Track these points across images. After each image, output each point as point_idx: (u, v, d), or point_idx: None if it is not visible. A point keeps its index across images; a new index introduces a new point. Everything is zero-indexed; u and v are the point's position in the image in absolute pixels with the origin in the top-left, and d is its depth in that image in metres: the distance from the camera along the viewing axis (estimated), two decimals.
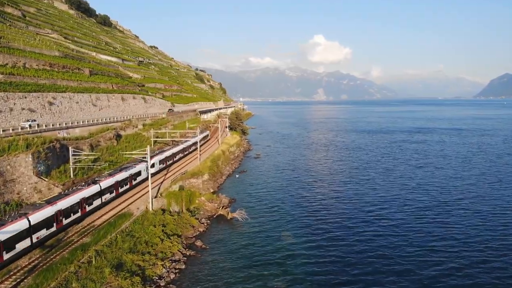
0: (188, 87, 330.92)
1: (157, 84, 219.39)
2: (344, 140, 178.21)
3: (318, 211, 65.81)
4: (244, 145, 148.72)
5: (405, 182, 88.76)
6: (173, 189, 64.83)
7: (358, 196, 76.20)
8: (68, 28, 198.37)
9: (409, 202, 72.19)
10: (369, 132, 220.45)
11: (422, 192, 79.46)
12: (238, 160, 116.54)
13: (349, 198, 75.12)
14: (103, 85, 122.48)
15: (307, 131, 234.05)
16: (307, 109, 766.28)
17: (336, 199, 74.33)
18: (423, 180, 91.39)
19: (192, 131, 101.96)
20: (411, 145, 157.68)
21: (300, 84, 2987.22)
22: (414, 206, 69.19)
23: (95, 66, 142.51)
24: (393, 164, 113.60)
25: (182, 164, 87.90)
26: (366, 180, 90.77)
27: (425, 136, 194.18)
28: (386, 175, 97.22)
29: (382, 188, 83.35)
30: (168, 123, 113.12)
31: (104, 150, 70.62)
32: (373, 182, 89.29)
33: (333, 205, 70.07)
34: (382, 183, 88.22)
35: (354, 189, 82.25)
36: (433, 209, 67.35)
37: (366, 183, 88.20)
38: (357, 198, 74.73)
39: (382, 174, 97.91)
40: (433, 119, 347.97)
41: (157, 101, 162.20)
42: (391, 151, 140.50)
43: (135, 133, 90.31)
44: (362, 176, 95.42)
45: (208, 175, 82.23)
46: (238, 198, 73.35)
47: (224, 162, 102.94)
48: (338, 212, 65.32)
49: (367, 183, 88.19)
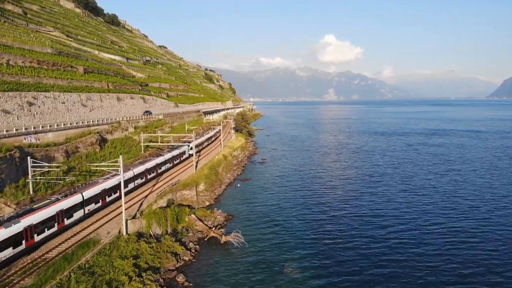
0: (195, 87, 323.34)
1: (162, 83, 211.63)
2: (357, 143, 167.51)
3: (329, 233, 55.77)
4: (249, 148, 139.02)
5: (428, 194, 78.16)
6: (158, 205, 55.36)
7: (375, 213, 65.89)
8: (72, 26, 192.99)
9: (437, 220, 61.79)
10: (383, 134, 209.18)
11: (449, 207, 68.93)
12: (241, 166, 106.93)
13: (365, 216, 64.76)
14: (97, 84, 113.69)
15: (317, 133, 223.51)
16: (317, 109, 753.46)
17: (350, 216, 64.05)
18: (448, 191, 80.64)
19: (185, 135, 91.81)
20: (429, 149, 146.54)
21: (310, 84, 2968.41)
22: (444, 228, 58.83)
23: (92, 64, 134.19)
24: (412, 171, 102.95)
25: (175, 172, 77.84)
26: (384, 192, 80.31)
27: (443, 138, 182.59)
28: (405, 185, 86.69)
29: (403, 202, 72.94)
30: (165, 125, 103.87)
31: (83, 157, 61.56)
32: (391, 194, 78.85)
33: (346, 223, 59.96)
34: (402, 195, 77.75)
35: (370, 204, 71.90)
36: (465, 231, 56.98)
37: (384, 195, 77.76)
38: (374, 216, 64.37)
39: (400, 184, 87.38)
40: (448, 120, 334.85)
41: (159, 101, 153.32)
42: (408, 156, 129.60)
43: (125, 137, 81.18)
44: (379, 187, 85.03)
45: (204, 185, 72.73)
46: (236, 213, 63.57)
47: (225, 169, 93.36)
48: (353, 235, 55.15)
49: (384, 195, 77.75)
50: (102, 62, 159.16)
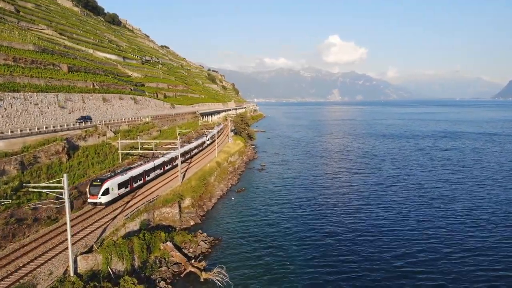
0: (196, 87, 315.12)
1: (159, 83, 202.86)
2: (363, 147, 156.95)
3: (338, 266, 45.61)
4: (248, 153, 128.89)
5: (449, 210, 67.68)
6: (127, 230, 45.42)
7: (390, 237, 55.58)
8: (68, 25, 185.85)
9: (464, 245, 51.50)
10: (391, 136, 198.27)
11: (471, 223, 58.69)
12: (238, 174, 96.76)
13: (375, 237, 54.62)
14: (81, 84, 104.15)
15: (321, 135, 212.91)
16: (321, 110, 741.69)
17: (361, 242, 53.80)
18: (471, 206, 70.15)
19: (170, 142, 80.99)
20: (443, 153, 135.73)
21: (314, 84, 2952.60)
22: (474, 255, 48.57)
23: (80, 62, 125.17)
24: (425, 179, 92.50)
25: (155, 185, 66.74)
26: (397, 207, 69.96)
27: (455, 141, 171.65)
28: (420, 198, 76.16)
29: (421, 220, 62.60)
30: (153, 129, 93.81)
31: (44, 169, 51.84)
32: (406, 210, 68.46)
33: (358, 253, 49.77)
34: (418, 212, 67.33)
35: (382, 222, 61.63)
36: (493, 252, 46.72)
37: (398, 212, 67.42)
38: (390, 241, 54.12)
39: (415, 197, 76.85)
40: (457, 121, 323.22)
41: (152, 101, 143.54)
42: (421, 162, 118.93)
43: (102, 143, 71.32)
44: (391, 200, 74.59)
45: (190, 200, 62.73)
46: (225, 237, 53.34)
47: (218, 178, 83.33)
48: (368, 269, 45.06)
49: (399, 212, 67.39)
50: (95, 61, 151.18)
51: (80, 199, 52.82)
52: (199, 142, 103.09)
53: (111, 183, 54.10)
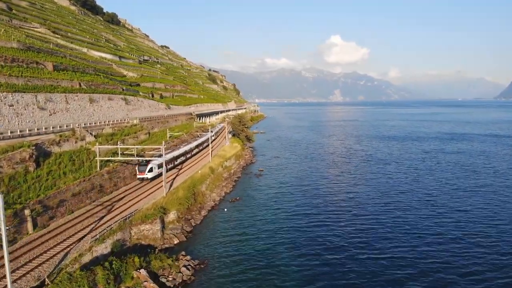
0: (195, 87, 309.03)
1: (156, 83, 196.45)
2: (367, 150, 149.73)
3: None
4: (246, 157, 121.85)
5: (460, 218, 60.67)
6: (95, 255, 38.43)
7: (397, 251, 48.61)
8: (64, 24, 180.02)
9: (477, 256, 44.50)
10: (395, 138, 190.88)
11: (490, 235, 51.58)
12: (233, 180, 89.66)
13: (385, 256, 47.62)
14: (66, 83, 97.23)
15: (323, 137, 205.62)
16: (323, 110, 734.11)
17: (366, 261, 46.88)
18: (485, 214, 63.12)
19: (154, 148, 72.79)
20: (450, 157, 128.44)
21: (316, 85, 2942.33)
22: (488, 266, 41.54)
23: (68, 61, 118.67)
24: (434, 186, 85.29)
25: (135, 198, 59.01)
26: (406, 218, 62.86)
27: (462, 144, 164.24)
28: (428, 205, 69.27)
29: (430, 230, 55.62)
30: (141, 132, 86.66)
31: (6, 180, 44.88)
32: (415, 219, 61.43)
33: (363, 275, 42.77)
34: (428, 220, 60.36)
35: (391, 239, 54.58)
36: None
37: (407, 223, 60.39)
38: (396, 255, 47.14)
39: (423, 205, 69.86)
40: (461, 122, 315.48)
41: (145, 102, 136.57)
42: (428, 166, 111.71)
43: (80, 148, 64.31)
44: (398, 208, 67.60)
45: (176, 214, 55.76)
46: (213, 260, 46.08)
47: (210, 186, 76.38)
48: None
49: (407, 223, 60.37)
50: (88, 60, 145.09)
51: (45, 215, 45.90)
52: (190, 146, 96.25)
53: (153, 164, 70.10)
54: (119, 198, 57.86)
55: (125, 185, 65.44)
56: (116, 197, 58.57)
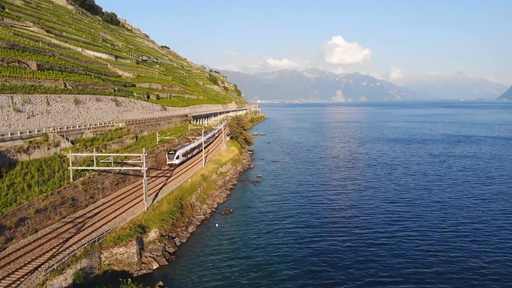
0: (195, 88, 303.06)
1: (152, 84, 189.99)
2: (370, 153, 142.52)
3: None
4: (244, 161, 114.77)
5: (480, 234, 53.54)
6: None
7: (407, 272, 41.58)
8: (59, 23, 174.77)
9: None
10: (400, 141, 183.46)
11: None
12: (228, 188, 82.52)
13: (396, 280, 40.57)
14: (49, 83, 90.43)
15: (324, 139, 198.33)
16: (325, 111, 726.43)
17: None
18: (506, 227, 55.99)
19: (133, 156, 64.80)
20: (460, 161, 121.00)
21: (318, 85, 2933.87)
22: None
23: (56, 60, 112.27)
24: (447, 195, 77.95)
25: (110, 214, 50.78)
26: (417, 232, 55.72)
27: (471, 147, 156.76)
28: (442, 217, 62.12)
29: (446, 247, 48.48)
30: (127, 136, 79.57)
31: None
32: (429, 234, 54.28)
33: None
34: (443, 235, 53.22)
35: (405, 258, 47.48)
36: None
37: (418, 236, 53.29)
38: (407, 276, 40.15)
39: (438, 218, 62.64)
40: (467, 124, 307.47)
41: (138, 103, 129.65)
42: (437, 171, 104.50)
43: (54, 155, 57.23)
44: (408, 220, 60.47)
45: (157, 232, 48.70)
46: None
47: (201, 196, 69.37)
48: None
49: (419, 236, 53.27)
50: (80, 59, 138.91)
51: (1, 237, 38.97)
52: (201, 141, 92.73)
53: (179, 152, 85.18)
54: (94, 213, 50.78)
55: (104, 196, 58.38)
56: (91, 211, 51.51)
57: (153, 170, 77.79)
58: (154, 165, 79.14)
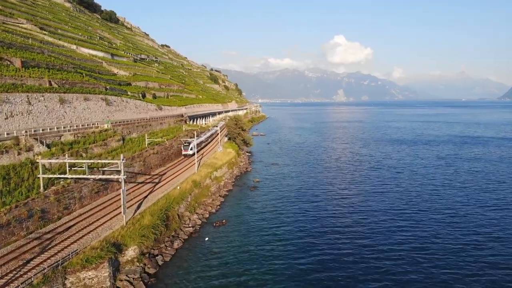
0: (194, 87, 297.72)
1: (149, 82, 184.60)
2: (374, 154, 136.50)
3: None
4: (241, 164, 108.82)
5: (498, 248, 47.57)
6: None
7: None
8: (55, 20, 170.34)
9: None
10: (404, 142, 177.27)
11: None
12: (223, 195, 76.56)
13: None
14: (32, 81, 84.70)
15: (326, 140, 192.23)
16: (326, 111, 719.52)
17: None
18: None
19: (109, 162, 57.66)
20: (468, 164, 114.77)
21: (319, 85, 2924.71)
22: None
23: (44, 57, 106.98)
24: (458, 203, 71.94)
25: (82, 230, 44.47)
26: (428, 244, 49.80)
27: (478, 148, 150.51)
28: (454, 227, 56.18)
29: (463, 267, 42.55)
30: (112, 138, 73.42)
31: None
32: (441, 247, 48.35)
33: None
34: (463, 252, 47.24)
35: (416, 275, 41.59)
36: None
37: (431, 251, 47.33)
38: None
39: (452, 230, 56.67)
40: (472, 124, 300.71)
41: (131, 102, 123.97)
42: (445, 175, 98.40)
43: (25, 160, 51.17)
44: (414, 230, 54.52)
45: (137, 250, 42.89)
46: None
47: (191, 205, 63.46)
48: None
49: (432, 251, 47.31)
50: (73, 57, 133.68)
51: None
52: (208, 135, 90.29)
53: (192, 145, 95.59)
54: (66, 227, 44.97)
55: (82, 207, 52.51)
56: (63, 225, 45.66)
57: (140, 175, 71.84)
58: (142, 170, 73.17)
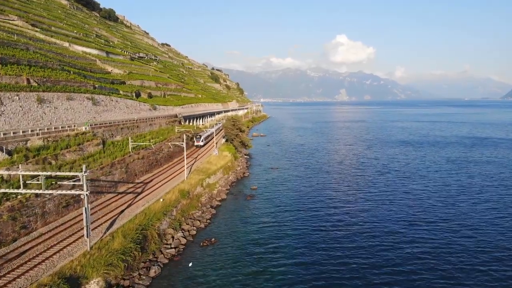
0: (193, 86, 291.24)
1: (145, 81, 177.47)
2: (380, 157, 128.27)
3: None
4: (238, 169, 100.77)
5: None
6: None
7: None
8: (50, 18, 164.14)
9: None
10: (410, 143, 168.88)
11: None
12: (215, 205, 68.26)
13: None
14: (8, 79, 77.12)
15: (329, 141, 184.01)
16: (328, 110, 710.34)
17: None
18: None
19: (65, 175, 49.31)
20: (482, 168, 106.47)
21: (321, 84, 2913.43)
22: None
23: (28, 54, 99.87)
24: (477, 215, 63.97)
25: (43, 252, 37.50)
26: (443, 265, 41.91)
27: (488, 150, 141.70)
28: (471, 241, 48.22)
29: None
30: (90, 143, 65.28)
31: None
32: (460, 268, 40.44)
33: None
34: (473, 267, 39.40)
35: None
36: None
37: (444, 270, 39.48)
38: None
39: (466, 242, 48.77)
40: (479, 124, 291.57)
41: (122, 102, 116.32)
42: (459, 181, 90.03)
43: None
44: (430, 245, 46.59)
45: (102, 282, 35.03)
46: None
47: (178, 218, 55.54)
48: None
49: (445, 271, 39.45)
50: (63, 54, 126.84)
51: None
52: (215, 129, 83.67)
53: (203, 137, 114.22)
54: (19, 253, 37.26)
55: (45, 224, 44.67)
56: (17, 250, 37.94)
57: (121, 184, 63.92)
58: (123, 177, 65.20)
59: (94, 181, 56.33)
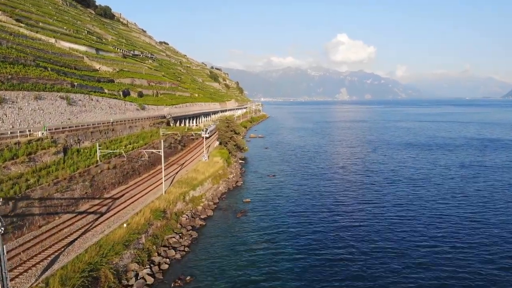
0: (190, 85, 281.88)
1: (136, 79, 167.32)
2: (386, 161, 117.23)
3: None
4: (230, 177, 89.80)
5: None
6: None
7: None
8: (38, 13, 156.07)
9: None
10: (417, 145, 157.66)
11: None
12: (197, 226, 56.88)
13: None
14: None
15: (329, 143, 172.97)
16: (329, 110, 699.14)
17: None
18: None
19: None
20: (498, 174, 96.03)
21: (322, 83, 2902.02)
22: None
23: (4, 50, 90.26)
24: (504, 228, 53.34)
25: None
26: None
27: (504, 154, 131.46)
28: None
29: None
30: (45, 151, 52.85)
31: None
32: None
33: None
34: None
35: None
36: None
37: None
38: None
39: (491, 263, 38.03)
40: (486, 124, 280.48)
41: (104, 101, 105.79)
42: (478, 190, 79.46)
43: None
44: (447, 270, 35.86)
45: None
46: None
47: (147, 247, 44.69)
48: None
49: None
50: (45, 50, 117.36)
51: None
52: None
53: (209, 129, 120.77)
54: None
55: None
56: None
57: (83, 202, 53.00)
58: (87, 193, 54.27)
59: (44, 200, 45.52)
